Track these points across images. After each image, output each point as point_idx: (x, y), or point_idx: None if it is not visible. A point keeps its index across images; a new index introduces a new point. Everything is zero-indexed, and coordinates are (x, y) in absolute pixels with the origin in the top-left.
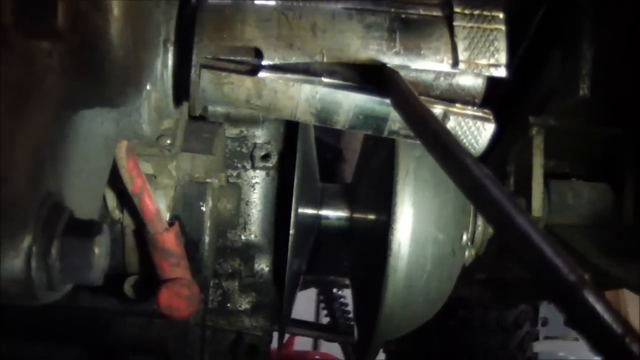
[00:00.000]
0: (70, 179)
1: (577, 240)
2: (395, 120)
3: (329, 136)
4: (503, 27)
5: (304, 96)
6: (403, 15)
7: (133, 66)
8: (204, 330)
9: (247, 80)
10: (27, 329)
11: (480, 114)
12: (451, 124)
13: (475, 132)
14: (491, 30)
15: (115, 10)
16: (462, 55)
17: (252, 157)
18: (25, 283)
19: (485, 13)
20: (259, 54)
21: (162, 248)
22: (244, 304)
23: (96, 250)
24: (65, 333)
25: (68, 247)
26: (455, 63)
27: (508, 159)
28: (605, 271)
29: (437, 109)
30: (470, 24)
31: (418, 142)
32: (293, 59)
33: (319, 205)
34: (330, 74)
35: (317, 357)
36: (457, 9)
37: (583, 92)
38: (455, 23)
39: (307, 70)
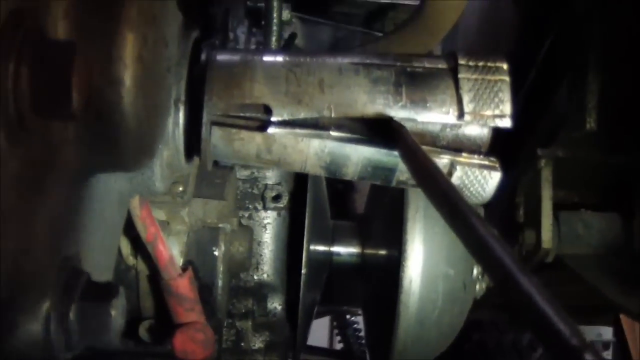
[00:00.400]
0: (87, 240)
1: (587, 270)
2: (403, 171)
3: None
4: (507, 78)
5: (313, 150)
6: (409, 69)
7: (146, 133)
8: None
9: (257, 136)
10: None
11: (486, 162)
12: (458, 174)
13: (482, 180)
14: (495, 81)
15: (128, 82)
16: (468, 107)
17: (263, 198)
18: (44, 346)
19: (490, 64)
20: (268, 111)
21: (176, 293)
22: (258, 343)
23: (113, 313)
24: None
25: (86, 311)
26: (461, 115)
27: (517, 191)
28: (613, 302)
29: (444, 159)
30: (474, 76)
31: None
32: (301, 115)
33: (330, 242)
34: (338, 128)
35: None
36: (461, 61)
37: (590, 126)
38: (460, 75)
39: (316, 125)
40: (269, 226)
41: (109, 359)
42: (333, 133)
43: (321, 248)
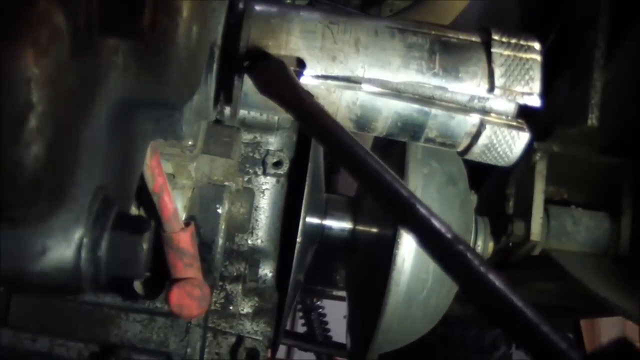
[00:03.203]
0: (115, 176)
1: (574, 267)
2: (432, 128)
3: None
4: (539, 58)
5: (345, 102)
6: (443, 38)
7: (193, 68)
8: (205, 331)
9: None
10: (29, 322)
11: (514, 123)
12: (487, 133)
13: (510, 140)
14: (527, 59)
15: (185, 12)
16: (498, 82)
17: (264, 164)
18: (73, 273)
19: (522, 42)
20: (302, 64)
21: (177, 247)
22: (246, 308)
23: (144, 245)
24: (68, 328)
25: (117, 241)
26: (491, 88)
27: (508, 182)
28: (602, 299)
29: (475, 118)
30: (507, 52)
31: (427, 159)
32: (335, 72)
33: (323, 214)
34: (370, 83)
35: None
36: (495, 36)
37: (591, 122)
38: (493, 50)
39: (349, 80)
40: (267, 192)
41: (100, 311)
42: (365, 86)
43: (314, 220)
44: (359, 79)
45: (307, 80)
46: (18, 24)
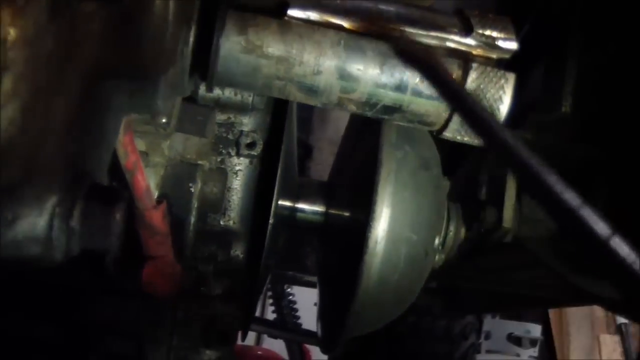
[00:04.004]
0: (88, 148)
1: (545, 254)
2: (415, 75)
3: (299, 132)
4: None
5: (329, 42)
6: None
7: (169, 39)
8: (176, 312)
9: (273, 23)
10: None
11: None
12: (474, 75)
13: (500, 81)
14: (500, 19)
15: None
16: (476, 27)
17: (237, 144)
18: (45, 243)
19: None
20: (285, 4)
21: (149, 225)
22: (217, 289)
23: (117, 216)
24: (41, 309)
25: (90, 211)
26: (469, 31)
27: (481, 168)
28: (574, 285)
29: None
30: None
31: (401, 143)
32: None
33: (296, 198)
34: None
35: (259, 352)
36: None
37: (565, 109)
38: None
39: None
40: (240, 173)
41: (71, 292)
42: (349, 24)
43: (286, 203)
44: (341, 24)
45: (293, 12)
46: None
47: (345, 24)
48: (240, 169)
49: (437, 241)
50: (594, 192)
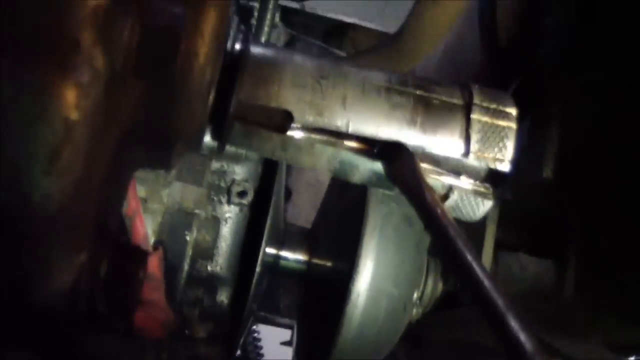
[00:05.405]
0: (112, 205)
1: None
2: None
3: None
4: (514, 126)
5: (326, 157)
6: (426, 100)
7: (202, 107)
8: (160, 352)
9: (275, 137)
10: None
11: (482, 189)
12: (454, 197)
13: (475, 206)
14: (503, 127)
15: (201, 56)
16: (473, 147)
17: (229, 192)
18: (70, 300)
19: (501, 108)
20: (289, 116)
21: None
22: (201, 332)
23: (140, 276)
24: (20, 338)
25: (116, 271)
26: (466, 153)
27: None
28: (547, 344)
29: (445, 182)
30: (485, 118)
31: (387, 199)
32: (320, 125)
33: (280, 245)
34: (352, 140)
35: None
36: (476, 100)
37: (546, 174)
38: (472, 116)
39: (332, 135)
40: (229, 220)
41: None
42: (347, 144)
43: (271, 250)
44: (342, 135)
45: (292, 133)
46: (64, 62)
47: (347, 144)
48: (230, 216)
49: (415, 295)
50: (566, 251)
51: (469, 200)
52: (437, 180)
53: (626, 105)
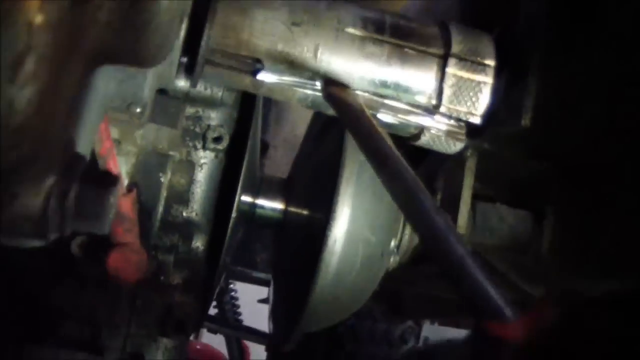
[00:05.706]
0: (82, 132)
1: (498, 262)
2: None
3: None
4: (490, 80)
5: (297, 97)
6: (401, 49)
7: (172, 29)
8: (134, 300)
9: (247, 79)
10: None
11: (455, 129)
12: (425, 137)
13: (446, 146)
14: (478, 82)
15: None
16: (445, 101)
17: (204, 138)
18: (40, 222)
19: (479, 60)
20: (260, 65)
21: (118, 212)
22: (177, 279)
23: (111, 200)
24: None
25: (85, 193)
26: (437, 106)
27: (437, 175)
28: (524, 291)
29: (417, 121)
30: (460, 73)
31: None
32: (291, 73)
33: (256, 193)
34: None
35: (198, 347)
36: (454, 49)
37: (525, 123)
38: (447, 69)
39: (302, 80)
40: (205, 166)
41: (33, 274)
42: (317, 86)
43: (247, 198)
44: (314, 83)
45: (264, 77)
46: None
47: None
48: (205, 162)
49: (393, 243)
50: (545, 205)
51: (440, 141)
52: (407, 120)
53: (626, 105)
